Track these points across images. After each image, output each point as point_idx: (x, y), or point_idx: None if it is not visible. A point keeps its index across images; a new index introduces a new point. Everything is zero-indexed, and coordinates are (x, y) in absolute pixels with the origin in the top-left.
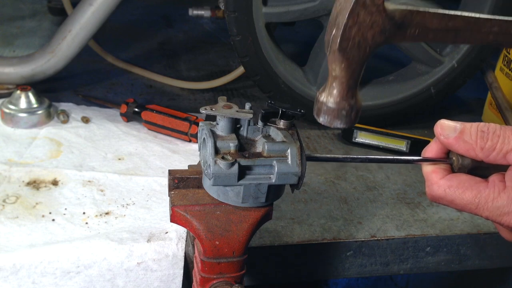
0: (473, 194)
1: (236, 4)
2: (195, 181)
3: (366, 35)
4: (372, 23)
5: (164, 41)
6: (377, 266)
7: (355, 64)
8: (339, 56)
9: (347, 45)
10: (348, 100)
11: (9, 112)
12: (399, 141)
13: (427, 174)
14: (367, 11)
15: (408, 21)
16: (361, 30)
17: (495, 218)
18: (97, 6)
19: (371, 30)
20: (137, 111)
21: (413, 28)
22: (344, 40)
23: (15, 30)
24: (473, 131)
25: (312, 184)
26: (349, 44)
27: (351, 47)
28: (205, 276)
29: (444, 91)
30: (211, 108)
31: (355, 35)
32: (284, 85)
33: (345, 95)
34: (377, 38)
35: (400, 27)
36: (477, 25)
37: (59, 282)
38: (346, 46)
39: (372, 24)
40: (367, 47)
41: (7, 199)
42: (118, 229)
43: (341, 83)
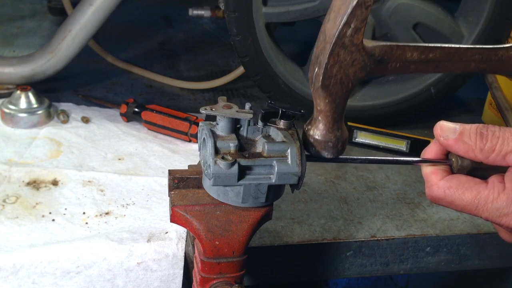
0: (472, 195)
1: (236, 4)
2: (195, 181)
3: (348, 72)
4: (353, 61)
5: (164, 41)
6: (377, 266)
7: (338, 99)
8: (323, 93)
9: (329, 83)
10: (334, 132)
11: (9, 112)
12: (399, 141)
13: (427, 175)
14: (347, 51)
15: (388, 56)
16: (342, 68)
17: (494, 219)
18: (97, 6)
19: (352, 68)
20: (137, 111)
21: (394, 63)
22: (326, 78)
23: (15, 30)
24: (473, 133)
25: (312, 184)
26: (331, 82)
27: (334, 84)
28: (205, 276)
29: (444, 91)
30: (211, 108)
31: (337, 72)
32: (284, 85)
33: (331, 128)
34: (358, 74)
35: (380, 62)
36: (458, 55)
37: (59, 282)
38: (329, 83)
39: (353, 62)
40: (349, 83)
41: (7, 199)
42: (118, 229)
43: (326, 117)
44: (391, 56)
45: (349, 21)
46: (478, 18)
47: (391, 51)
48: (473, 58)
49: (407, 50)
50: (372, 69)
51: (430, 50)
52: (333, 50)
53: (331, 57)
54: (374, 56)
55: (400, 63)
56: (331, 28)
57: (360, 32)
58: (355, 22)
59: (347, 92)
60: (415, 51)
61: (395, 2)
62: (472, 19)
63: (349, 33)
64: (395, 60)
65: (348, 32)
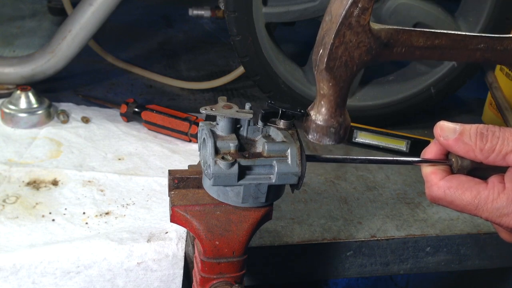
0: (472, 195)
1: (236, 4)
2: (195, 181)
3: (353, 55)
4: (359, 43)
5: (164, 41)
6: (377, 266)
7: (342, 82)
8: (327, 75)
9: (334, 65)
10: (337, 117)
11: (9, 112)
12: (399, 141)
13: (427, 175)
14: (353, 32)
15: (394, 40)
16: (347, 50)
17: (494, 219)
18: (97, 6)
19: (357, 50)
20: (137, 111)
21: (399, 47)
22: (331, 59)
23: (15, 30)
24: (473, 133)
25: (312, 184)
26: (336, 64)
27: (338, 66)
28: (205, 276)
29: (444, 91)
30: (211, 108)
31: (342, 54)
32: (284, 85)
33: (334, 112)
34: (363, 57)
35: (386, 46)
36: (463, 42)
37: (59, 282)
38: (333, 66)
39: (359, 44)
40: (354, 66)
41: (7, 199)
42: (118, 229)
43: (329, 101)
44: (397, 40)
45: (357, 1)
46: (478, 18)
47: (397, 35)
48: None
49: (413, 35)
50: (378, 52)
51: (436, 36)
52: (339, 31)
53: (336, 37)
54: (380, 39)
55: (406, 48)
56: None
57: (367, 12)
58: (362, 1)
59: (351, 76)
60: (421, 36)
61: (395, 2)
62: (472, 19)
63: (356, 13)
64: (400, 45)
65: (355, 12)
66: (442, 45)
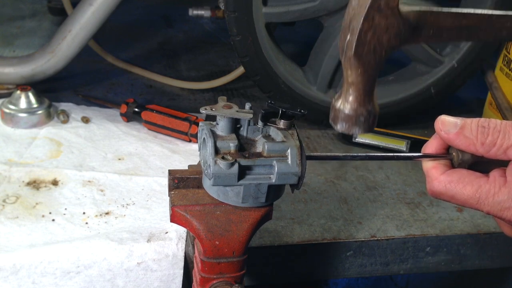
0: (473, 189)
1: (236, 4)
2: (195, 181)
3: (382, 39)
4: (388, 26)
5: (164, 41)
6: (377, 266)
7: (371, 69)
8: (355, 62)
9: (362, 50)
10: (366, 105)
11: (9, 112)
12: (399, 141)
13: (427, 170)
14: (382, 15)
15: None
16: (376, 34)
17: (496, 213)
18: (97, 6)
19: (386, 34)
20: (137, 111)
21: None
22: (360, 45)
23: (15, 30)
24: (474, 127)
25: (312, 184)
26: (364, 49)
27: (367, 52)
28: (205, 276)
29: (444, 91)
30: (211, 108)
31: (371, 39)
32: (284, 85)
33: (362, 101)
34: (392, 41)
35: (415, 29)
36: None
37: (59, 282)
38: (362, 52)
39: (388, 28)
40: (383, 51)
41: (7, 199)
42: (118, 229)
43: (357, 89)
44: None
45: None
46: None
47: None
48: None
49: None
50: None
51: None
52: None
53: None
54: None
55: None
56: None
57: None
58: None
59: (380, 62)
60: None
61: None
62: None
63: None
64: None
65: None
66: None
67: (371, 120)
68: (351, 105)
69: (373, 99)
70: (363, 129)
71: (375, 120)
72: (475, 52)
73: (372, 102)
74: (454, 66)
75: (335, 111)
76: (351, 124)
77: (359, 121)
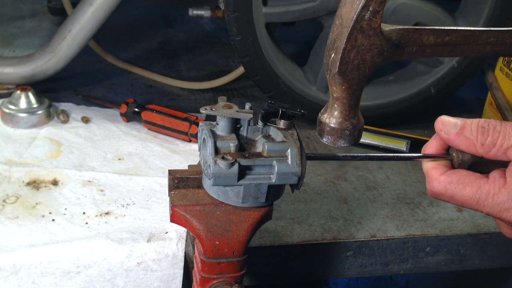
0: (473, 190)
1: (236, 4)
2: (195, 181)
3: (365, 57)
4: (370, 45)
5: (164, 41)
6: (377, 266)
7: (355, 85)
8: (339, 79)
9: (346, 68)
10: (351, 120)
11: (9, 112)
12: (399, 141)
13: (427, 170)
14: (364, 35)
15: (405, 40)
16: (359, 53)
17: (495, 214)
18: (97, 6)
19: (369, 52)
20: (137, 111)
21: (411, 46)
22: (343, 63)
23: (15, 30)
24: (474, 127)
25: (312, 184)
26: (348, 67)
27: (351, 69)
28: (205, 276)
29: (444, 91)
30: (211, 108)
31: (354, 58)
32: (284, 85)
33: (347, 115)
34: (375, 59)
35: (398, 47)
36: (473, 37)
37: (59, 282)
38: (346, 69)
39: (370, 47)
40: (366, 68)
41: (7, 199)
42: (118, 229)
43: (342, 104)
44: (408, 40)
45: (368, 4)
46: (478, 18)
47: (408, 35)
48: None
49: (424, 34)
50: (389, 53)
51: (446, 33)
52: (351, 35)
53: (348, 41)
54: (391, 40)
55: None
56: (348, 12)
57: (379, 15)
58: (373, 4)
59: (364, 78)
60: (431, 34)
61: (395, 2)
62: (472, 19)
63: (367, 17)
64: (411, 44)
65: (366, 15)
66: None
67: (356, 133)
68: (336, 119)
69: (358, 113)
70: (348, 142)
71: (360, 133)
72: None
73: (357, 116)
74: (454, 66)
75: (321, 124)
76: (336, 137)
77: (344, 135)
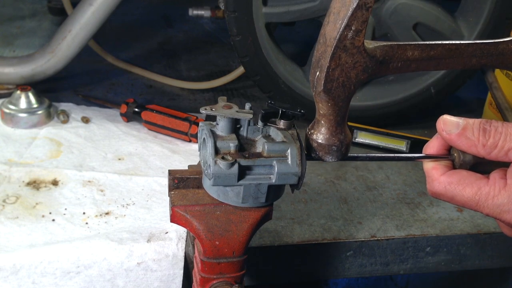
0: (473, 191)
1: (236, 4)
2: (195, 181)
3: (350, 75)
4: (354, 63)
5: (164, 41)
6: (377, 266)
7: (341, 102)
8: (325, 97)
9: (331, 86)
10: (338, 136)
11: (9, 112)
12: (399, 141)
13: (428, 170)
14: (348, 54)
15: (390, 57)
16: (344, 71)
17: (495, 216)
18: (97, 6)
19: (354, 70)
20: (137, 111)
21: (395, 62)
22: (328, 82)
23: (15, 30)
24: (476, 128)
25: (312, 184)
26: (333, 85)
27: (336, 87)
28: (205, 276)
29: (444, 91)
30: (211, 108)
31: (339, 76)
32: (284, 85)
33: (334, 131)
34: (360, 76)
35: (382, 63)
36: (458, 51)
37: (59, 282)
38: (331, 87)
39: (355, 64)
40: (352, 85)
41: (7, 199)
42: (118, 229)
43: (329, 120)
44: (393, 56)
45: (350, 24)
46: (478, 18)
47: (392, 51)
48: (474, 54)
49: (408, 49)
50: (374, 70)
51: (431, 47)
52: (334, 54)
53: (332, 60)
54: (375, 57)
55: (402, 62)
56: (331, 31)
57: (361, 34)
58: (355, 24)
59: (349, 95)
60: (416, 49)
61: (395, 2)
62: (472, 19)
63: (350, 36)
64: (396, 60)
65: (349, 34)
66: (437, 56)
67: (343, 149)
68: (323, 135)
69: (345, 129)
70: (335, 157)
71: (348, 148)
72: None
73: (344, 132)
74: None
75: (308, 140)
76: (324, 153)
77: (332, 150)
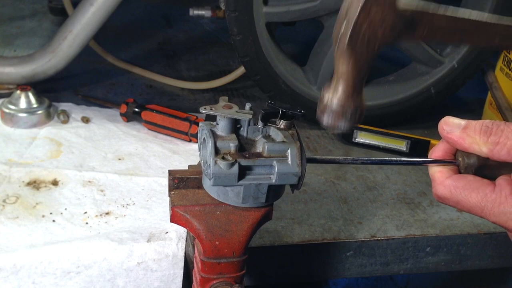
0: (479, 198)
1: (237, 3)
2: (195, 181)
3: (376, 32)
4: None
5: (164, 41)
6: (377, 266)
7: (363, 61)
8: (348, 53)
9: (356, 42)
10: (354, 99)
11: (9, 112)
12: (399, 141)
13: (433, 173)
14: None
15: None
16: (371, 26)
17: (502, 223)
18: (98, 6)
19: (381, 27)
20: (137, 111)
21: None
22: (354, 36)
23: (16, 30)
24: (478, 126)
25: (312, 184)
26: (358, 41)
27: (361, 44)
28: (205, 276)
29: (444, 91)
30: (211, 108)
31: (365, 31)
32: (284, 85)
33: (351, 94)
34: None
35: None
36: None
37: (59, 282)
38: (356, 43)
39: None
40: (376, 44)
41: (7, 199)
42: (118, 229)
43: (347, 80)
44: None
45: None
46: None
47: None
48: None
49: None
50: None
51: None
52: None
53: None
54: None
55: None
56: None
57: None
58: None
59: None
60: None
61: None
62: None
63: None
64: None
65: None
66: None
67: (358, 115)
68: (338, 97)
69: (362, 94)
70: (349, 122)
71: (362, 116)
72: (475, 52)
73: (360, 97)
74: (454, 67)
75: (323, 102)
76: (337, 117)
77: (346, 115)
